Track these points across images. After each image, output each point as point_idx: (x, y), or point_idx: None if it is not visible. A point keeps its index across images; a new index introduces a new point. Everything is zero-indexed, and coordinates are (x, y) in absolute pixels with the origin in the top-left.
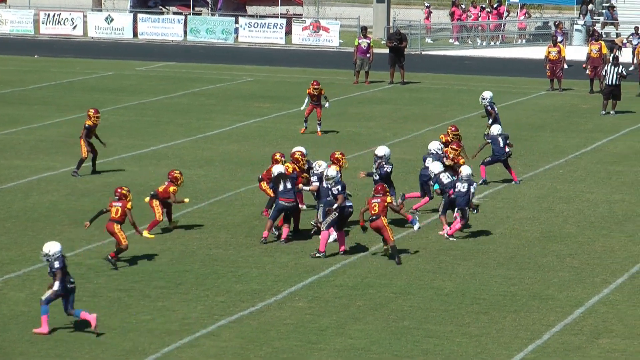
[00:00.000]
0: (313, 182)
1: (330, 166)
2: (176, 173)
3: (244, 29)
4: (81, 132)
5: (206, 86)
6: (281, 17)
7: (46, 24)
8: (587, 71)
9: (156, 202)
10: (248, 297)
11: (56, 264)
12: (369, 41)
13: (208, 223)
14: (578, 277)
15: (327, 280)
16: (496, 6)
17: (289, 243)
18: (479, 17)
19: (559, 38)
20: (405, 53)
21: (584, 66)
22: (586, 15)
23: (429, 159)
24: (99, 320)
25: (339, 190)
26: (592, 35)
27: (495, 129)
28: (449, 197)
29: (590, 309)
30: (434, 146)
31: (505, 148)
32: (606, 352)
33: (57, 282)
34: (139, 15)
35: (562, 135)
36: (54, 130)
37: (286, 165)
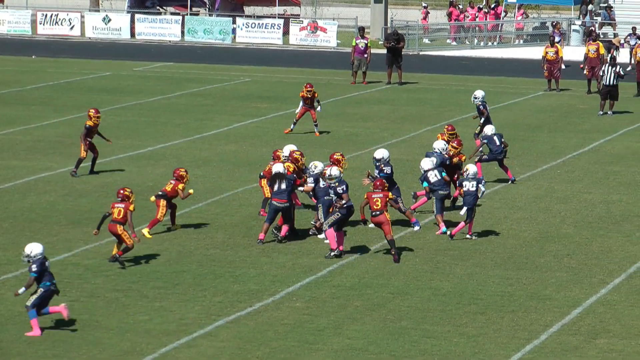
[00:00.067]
0: (308, 183)
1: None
2: (182, 171)
3: (242, 30)
4: (83, 133)
5: (204, 86)
6: (279, 18)
7: (43, 25)
8: (585, 71)
9: (163, 202)
10: (245, 298)
11: (33, 267)
12: (367, 41)
13: (206, 223)
14: (575, 278)
15: (325, 280)
16: (493, 6)
17: (286, 243)
18: (477, 18)
19: (557, 38)
20: (402, 53)
21: (582, 66)
22: (586, 15)
23: (433, 158)
24: (96, 320)
25: (344, 190)
26: (590, 35)
27: (489, 129)
28: (440, 195)
29: (587, 309)
30: (439, 145)
31: (501, 146)
32: (604, 352)
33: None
34: (137, 15)
35: (560, 135)
36: (52, 130)
37: (287, 165)
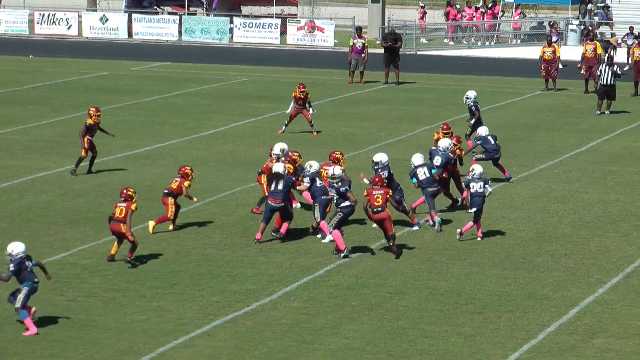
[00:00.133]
0: (304, 183)
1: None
2: (187, 169)
3: (239, 29)
4: (82, 131)
5: (201, 86)
6: (276, 17)
7: (41, 24)
8: (582, 71)
9: (171, 200)
10: (243, 297)
11: (11, 267)
12: (364, 41)
13: (203, 223)
14: (573, 277)
15: (322, 280)
16: (491, 6)
17: (284, 243)
18: (474, 17)
19: (554, 38)
20: (400, 53)
21: (579, 66)
22: (586, 15)
23: (437, 157)
24: (93, 320)
25: (347, 189)
26: (587, 35)
27: (483, 130)
28: (430, 193)
29: (585, 309)
30: (444, 144)
31: (496, 145)
32: (601, 352)
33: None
34: (134, 15)
35: (557, 135)
36: (49, 130)
37: (288, 167)
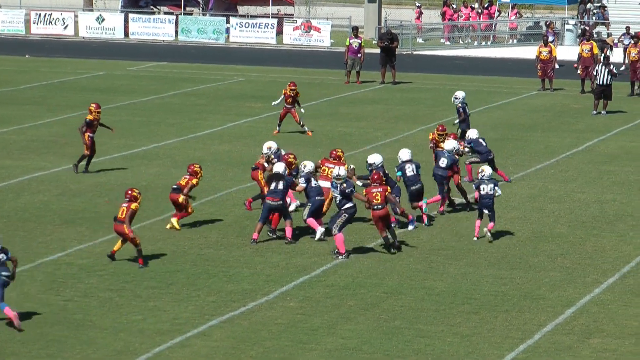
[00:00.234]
0: (300, 183)
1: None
2: (196, 167)
3: (235, 29)
4: (81, 126)
5: (197, 86)
6: (272, 17)
7: (37, 24)
8: (579, 71)
9: (183, 197)
10: (239, 297)
11: None
12: (360, 41)
13: (199, 223)
14: (569, 277)
15: (319, 280)
16: (487, 6)
17: (280, 243)
18: (470, 17)
19: (550, 38)
20: (396, 53)
21: (575, 66)
22: (584, 14)
23: (443, 159)
24: (90, 320)
25: (352, 190)
26: (584, 35)
27: (473, 133)
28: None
29: (581, 309)
30: (449, 147)
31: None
32: (597, 352)
33: None
34: (130, 15)
35: (554, 135)
36: (45, 130)
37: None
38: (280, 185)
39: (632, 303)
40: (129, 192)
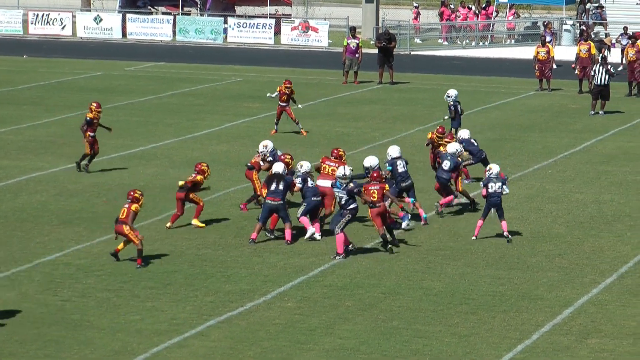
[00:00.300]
0: (297, 183)
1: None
2: (204, 166)
3: (233, 29)
4: (82, 124)
5: (195, 86)
6: (270, 17)
7: (35, 24)
8: (576, 71)
9: (192, 195)
10: (237, 298)
11: None
12: (358, 41)
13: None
14: (567, 277)
15: (316, 280)
16: (484, 6)
17: (278, 243)
18: (468, 17)
19: (548, 38)
20: (394, 53)
21: (573, 66)
22: (583, 14)
23: (446, 161)
24: (87, 320)
25: (360, 189)
26: (582, 35)
27: (465, 133)
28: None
29: (579, 309)
30: (452, 149)
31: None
32: (595, 352)
33: None
34: (128, 15)
35: (551, 135)
36: (43, 130)
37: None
38: (281, 185)
39: (630, 303)
40: (131, 193)
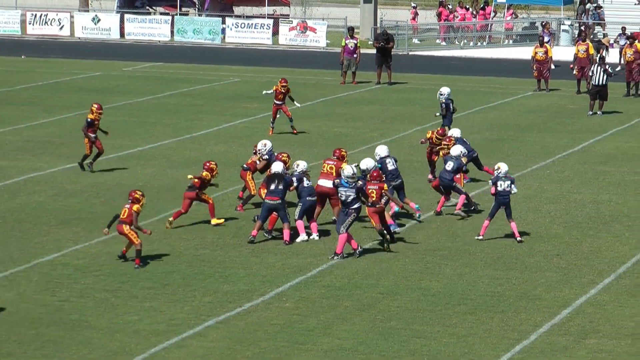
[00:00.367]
0: (293, 183)
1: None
2: (212, 164)
3: (231, 30)
4: (84, 126)
5: (193, 87)
6: (268, 18)
7: (33, 25)
8: (575, 71)
9: (206, 196)
10: (235, 298)
11: None
12: (356, 42)
13: (195, 223)
14: (565, 278)
15: (315, 280)
16: (482, 6)
17: (276, 243)
18: (466, 18)
19: (546, 38)
20: (392, 53)
21: (571, 66)
22: (583, 15)
23: (450, 162)
24: (86, 320)
25: (363, 188)
26: (580, 35)
27: (456, 132)
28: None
29: (577, 310)
30: (457, 151)
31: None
32: (593, 353)
33: None
34: (126, 15)
35: (549, 135)
36: (41, 130)
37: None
38: (280, 185)
39: (628, 304)
40: (132, 194)
